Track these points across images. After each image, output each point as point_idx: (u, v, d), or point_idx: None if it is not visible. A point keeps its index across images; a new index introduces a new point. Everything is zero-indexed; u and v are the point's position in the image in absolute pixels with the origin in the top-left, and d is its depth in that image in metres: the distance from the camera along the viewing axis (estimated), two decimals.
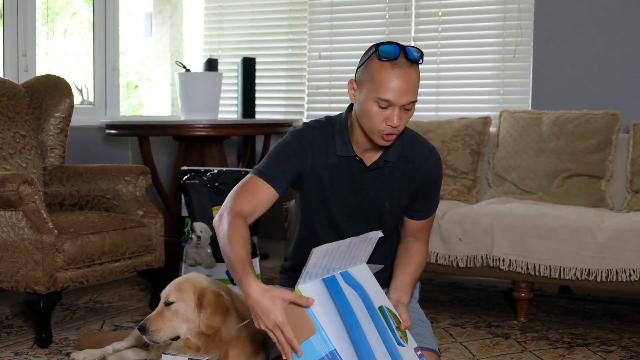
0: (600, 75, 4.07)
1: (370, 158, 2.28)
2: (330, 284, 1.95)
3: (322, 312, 1.86)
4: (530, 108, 4.19)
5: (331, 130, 2.29)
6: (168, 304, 2.25)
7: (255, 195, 2.19)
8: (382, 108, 2.12)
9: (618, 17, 4.03)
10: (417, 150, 2.34)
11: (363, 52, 2.27)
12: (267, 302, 1.88)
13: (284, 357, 1.89)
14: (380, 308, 2.02)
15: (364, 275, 2.08)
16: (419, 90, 2.21)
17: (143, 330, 2.24)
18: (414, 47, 2.17)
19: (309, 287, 1.89)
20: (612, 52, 4.05)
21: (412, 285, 2.29)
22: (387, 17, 4.60)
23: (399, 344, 1.99)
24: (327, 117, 2.36)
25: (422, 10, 4.52)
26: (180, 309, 2.25)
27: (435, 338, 2.42)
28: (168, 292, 2.29)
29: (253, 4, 5.01)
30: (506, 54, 4.32)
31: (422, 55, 2.17)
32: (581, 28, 4.12)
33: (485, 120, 3.98)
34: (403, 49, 2.12)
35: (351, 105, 2.28)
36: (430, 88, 4.49)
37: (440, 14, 4.48)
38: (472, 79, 4.43)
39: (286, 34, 4.93)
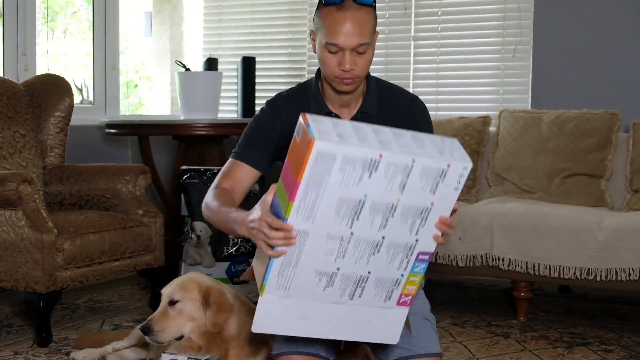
0: (600, 74, 4.07)
1: (347, 113, 2.26)
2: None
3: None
4: (529, 107, 4.19)
5: (304, 94, 2.29)
6: (172, 302, 2.25)
7: (232, 175, 2.21)
8: (333, 53, 2.11)
9: (617, 16, 4.02)
10: (398, 101, 2.33)
11: None
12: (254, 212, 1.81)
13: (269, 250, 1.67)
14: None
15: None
16: (419, 89, 2.18)
17: (147, 331, 2.22)
18: None
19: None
20: (612, 52, 4.05)
21: None
22: (387, 16, 4.59)
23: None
24: (300, 84, 2.34)
25: (421, 9, 4.51)
26: (186, 308, 2.24)
27: (438, 336, 2.39)
28: (171, 291, 2.28)
29: (253, 4, 5.00)
30: (506, 54, 4.31)
31: None
32: (580, 28, 4.11)
33: (485, 120, 3.98)
34: None
35: None
36: (430, 87, 4.49)
37: (439, 13, 4.47)
38: (472, 79, 4.42)
39: (286, 34, 4.92)
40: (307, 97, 2.28)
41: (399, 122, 2.26)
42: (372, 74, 2.32)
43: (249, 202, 3.91)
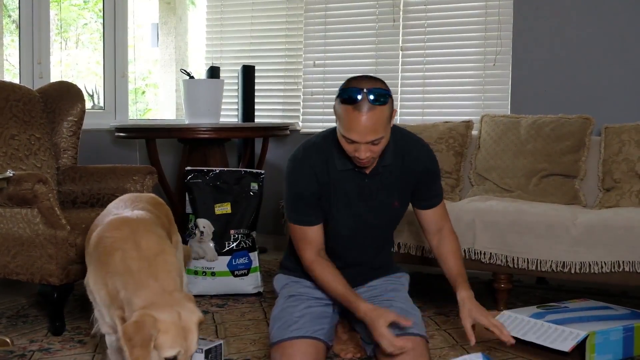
0: (574, 82, 4.08)
1: (369, 167, 2.32)
2: None
3: None
4: (509, 112, 4.20)
5: (329, 148, 2.33)
6: None
7: (308, 239, 2.37)
8: (350, 143, 2.18)
9: (590, 29, 4.04)
10: (410, 147, 2.40)
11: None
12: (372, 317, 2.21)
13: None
14: None
15: None
16: (406, 96, 2.23)
17: None
18: (378, 87, 2.16)
19: None
20: (586, 61, 4.06)
21: (464, 273, 2.47)
22: (376, 28, 4.60)
23: None
24: (323, 135, 2.39)
25: (409, 22, 4.52)
26: None
27: (424, 324, 2.44)
28: None
29: (252, 16, 5.00)
30: (487, 63, 4.32)
31: (384, 95, 2.15)
32: (557, 38, 4.13)
33: (468, 124, 3.99)
34: (365, 92, 2.12)
35: None
36: (417, 94, 4.49)
37: (426, 25, 4.48)
38: (456, 86, 4.43)
39: (283, 44, 4.92)
40: (332, 151, 2.33)
41: (412, 166, 2.41)
42: None
43: (248, 200, 3.92)
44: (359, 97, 2.11)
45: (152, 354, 1.81)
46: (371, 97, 2.11)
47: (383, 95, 2.14)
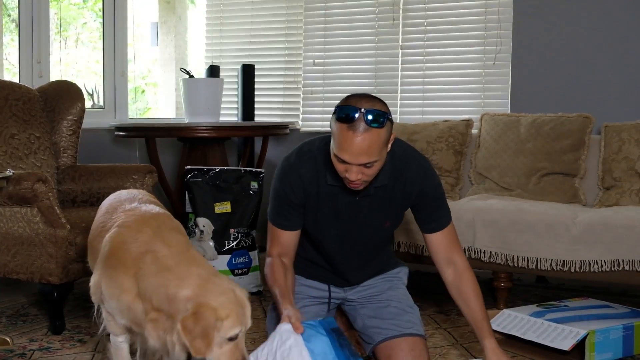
0: (574, 80, 4.08)
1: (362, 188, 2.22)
2: None
3: None
4: (509, 111, 4.19)
5: (322, 159, 2.26)
6: None
7: (278, 240, 2.33)
8: (341, 162, 2.08)
9: (591, 28, 4.04)
10: (408, 168, 2.28)
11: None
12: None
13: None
14: None
15: None
16: (406, 95, 2.16)
17: None
18: (377, 109, 2.04)
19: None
20: (585, 60, 4.06)
21: (488, 318, 2.35)
22: (376, 27, 4.59)
23: None
24: (319, 144, 2.30)
25: (408, 20, 4.52)
26: None
27: (422, 323, 2.43)
28: None
29: (252, 15, 5.00)
30: (487, 61, 4.32)
31: (383, 116, 2.03)
32: (556, 37, 4.12)
33: (468, 123, 3.98)
34: (363, 112, 2.01)
35: None
36: (417, 93, 4.49)
37: (425, 24, 4.48)
38: (456, 84, 4.42)
39: (283, 43, 4.92)
40: (325, 164, 2.24)
41: (407, 188, 2.29)
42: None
43: (248, 199, 3.92)
44: (356, 116, 2.00)
45: (215, 338, 1.81)
46: (369, 117, 2.00)
47: (381, 117, 2.02)
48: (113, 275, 1.98)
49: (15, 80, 4.11)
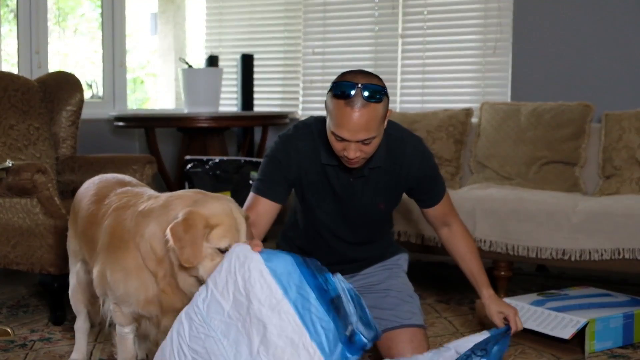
0: (575, 69, 4.07)
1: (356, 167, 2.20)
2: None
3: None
4: (509, 100, 4.18)
5: (318, 136, 2.23)
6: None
7: (255, 208, 2.21)
8: (339, 140, 2.06)
9: (591, 16, 4.02)
10: (403, 152, 2.26)
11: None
12: None
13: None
14: None
15: None
16: (406, 84, 2.14)
17: None
18: (374, 83, 2.02)
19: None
20: (586, 48, 4.04)
21: (484, 271, 2.40)
22: (376, 15, 4.58)
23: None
24: (316, 123, 2.27)
25: (408, 9, 4.50)
26: None
27: (422, 313, 2.43)
28: None
29: (251, 4, 4.98)
30: (487, 50, 4.30)
31: (380, 92, 2.02)
32: (557, 26, 4.11)
33: (468, 112, 3.97)
34: (360, 87, 1.99)
35: None
36: (417, 82, 4.48)
37: (425, 12, 4.46)
38: (456, 73, 4.41)
39: (282, 32, 4.90)
40: (320, 142, 2.21)
41: (402, 172, 2.26)
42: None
43: (248, 189, 3.92)
44: (353, 92, 1.98)
45: (204, 246, 1.75)
46: (366, 93, 1.98)
47: (378, 92, 2.01)
48: (117, 258, 1.92)
49: (14, 70, 4.11)
